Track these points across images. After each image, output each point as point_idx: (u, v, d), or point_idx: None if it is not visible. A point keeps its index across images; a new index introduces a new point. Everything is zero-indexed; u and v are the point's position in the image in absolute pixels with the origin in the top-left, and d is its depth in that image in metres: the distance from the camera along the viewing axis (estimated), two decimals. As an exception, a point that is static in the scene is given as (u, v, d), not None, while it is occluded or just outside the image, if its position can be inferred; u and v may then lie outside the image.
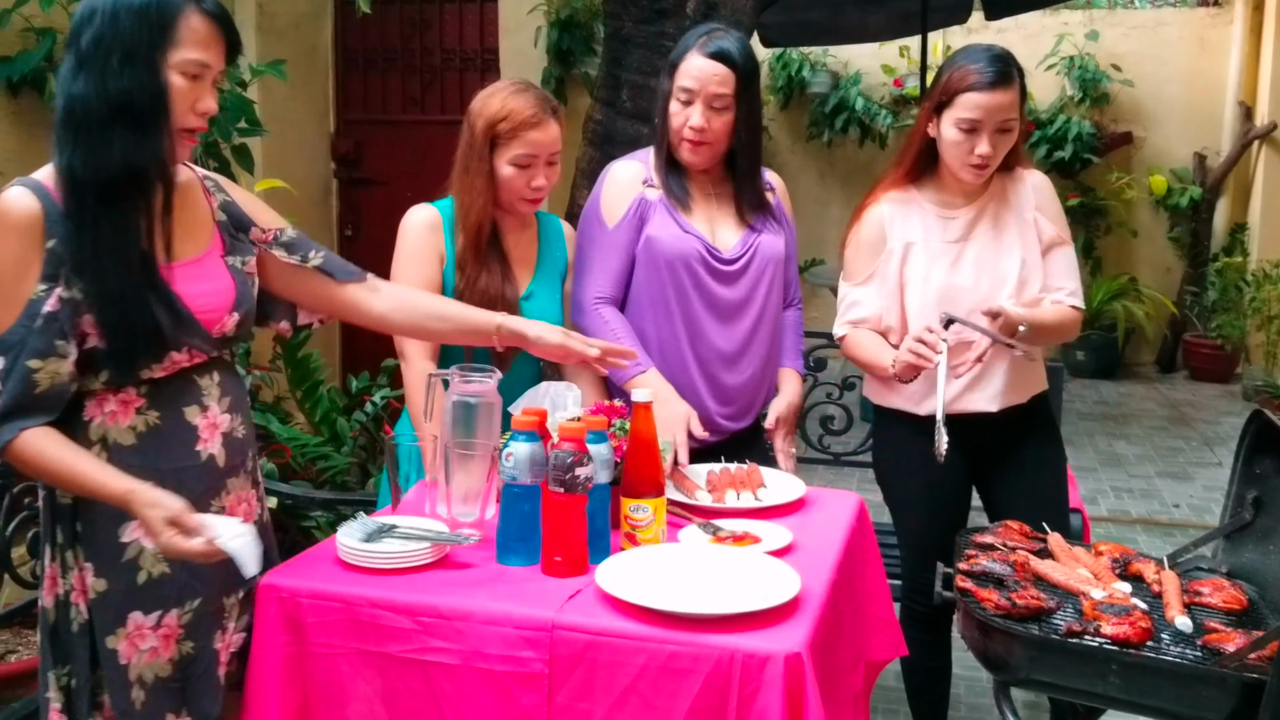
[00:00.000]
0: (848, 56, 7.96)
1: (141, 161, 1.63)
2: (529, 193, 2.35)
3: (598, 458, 1.86)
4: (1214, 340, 7.38)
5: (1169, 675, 1.73)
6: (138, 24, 1.61)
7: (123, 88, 1.60)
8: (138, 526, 1.70)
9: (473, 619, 1.68)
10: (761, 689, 1.56)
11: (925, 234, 2.44)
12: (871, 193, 2.53)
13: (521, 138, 2.30)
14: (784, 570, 1.77)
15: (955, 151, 2.35)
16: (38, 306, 1.62)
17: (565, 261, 2.54)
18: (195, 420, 1.77)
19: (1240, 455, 2.14)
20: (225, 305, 1.80)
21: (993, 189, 2.45)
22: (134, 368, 1.69)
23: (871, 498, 4.71)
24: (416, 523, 1.94)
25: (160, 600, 1.74)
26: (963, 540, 2.17)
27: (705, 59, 2.36)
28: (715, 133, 2.39)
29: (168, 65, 1.64)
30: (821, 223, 8.26)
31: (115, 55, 1.60)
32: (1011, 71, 2.31)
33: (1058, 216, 2.50)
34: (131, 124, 1.61)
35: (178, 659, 1.77)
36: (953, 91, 2.31)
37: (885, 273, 2.45)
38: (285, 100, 5.66)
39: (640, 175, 2.48)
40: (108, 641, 1.72)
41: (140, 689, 1.73)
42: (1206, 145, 7.68)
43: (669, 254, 2.41)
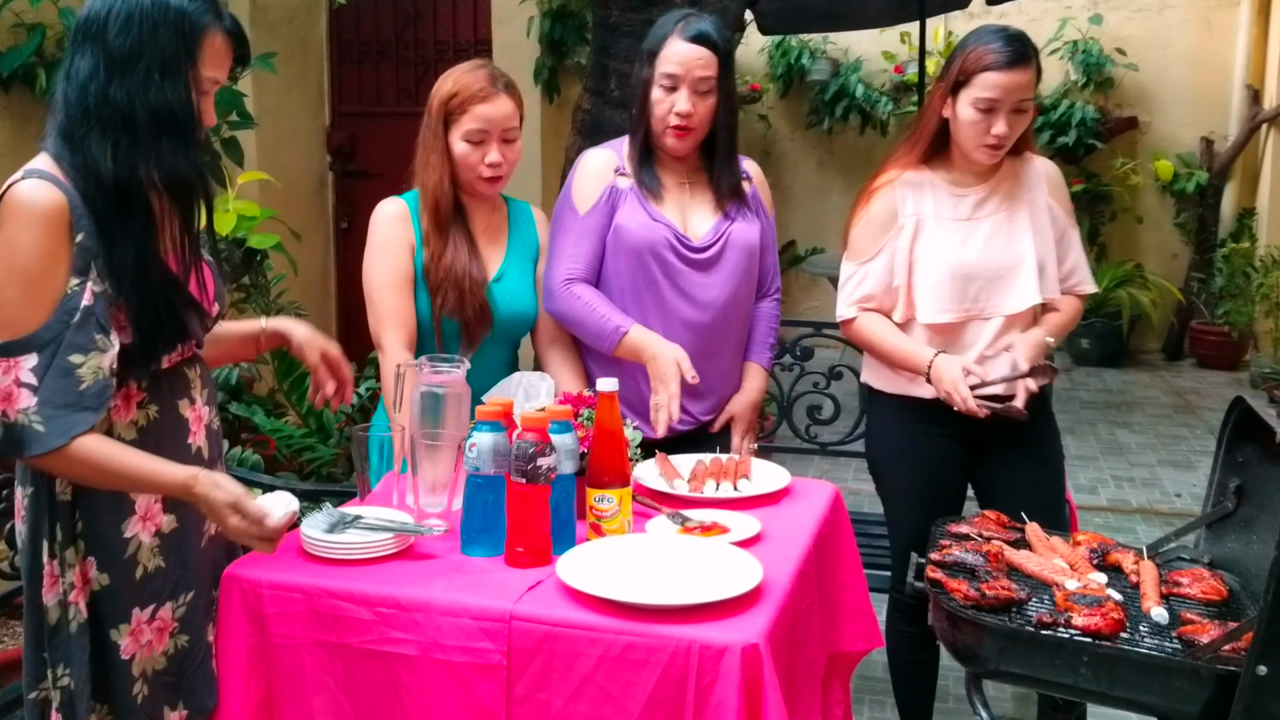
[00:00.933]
0: (848, 43, 7.91)
1: (188, 172, 1.68)
2: (485, 170, 2.33)
3: (561, 448, 1.84)
4: (1221, 327, 7.32)
5: (1141, 667, 1.70)
6: (174, 39, 1.64)
7: (166, 100, 1.63)
8: (138, 520, 1.71)
9: (431, 610, 1.67)
10: (719, 680, 1.54)
11: (937, 210, 2.40)
12: (879, 173, 2.49)
13: (471, 112, 2.29)
14: (747, 561, 1.74)
15: (971, 132, 2.32)
16: (74, 301, 1.59)
17: (537, 245, 2.52)
18: (186, 413, 1.80)
19: (1222, 443, 2.11)
20: (210, 296, 1.83)
21: (1004, 171, 2.42)
22: (154, 359, 1.70)
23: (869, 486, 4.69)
24: (382, 513, 1.92)
25: (155, 594, 1.74)
26: (938, 530, 2.14)
27: (687, 43, 2.34)
28: (701, 117, 2.38)
29: (195, 80, 1.67)
30: (821, 211, 8.24)
31: (155, 68, 1.62)
32: (1029, 51, 2.29)
33: (1066, 202, 2.49)
34: (174, 135, 1.65)
35: (172, 652, 1.77)
36: (970, 71, 2.29)
37: (896, 248, 2.41)
38: (279, 93, 5.65)
39: (612, 163, 2.46)
40: (111, 635, 1.70)
41: (143, 683, 1.73)
42: (1213, 129, 7.60)
43: (636, 242, 2.39)
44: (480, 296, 2.34)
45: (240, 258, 3.14)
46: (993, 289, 2.38)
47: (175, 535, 1.76)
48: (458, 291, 2.32)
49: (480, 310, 2.34)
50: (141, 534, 1.73)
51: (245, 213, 3.20)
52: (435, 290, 2.34)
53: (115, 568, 1.70)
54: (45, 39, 3.92)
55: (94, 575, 1.70)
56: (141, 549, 1.73)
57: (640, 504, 2.07)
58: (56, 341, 1.58)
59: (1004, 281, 2.38)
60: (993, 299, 2.39)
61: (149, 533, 1.73)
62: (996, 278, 2.37)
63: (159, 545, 1.75)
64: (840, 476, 5.29)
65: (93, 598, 1.69)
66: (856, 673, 3.31)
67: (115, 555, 1.70)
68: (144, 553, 1.73)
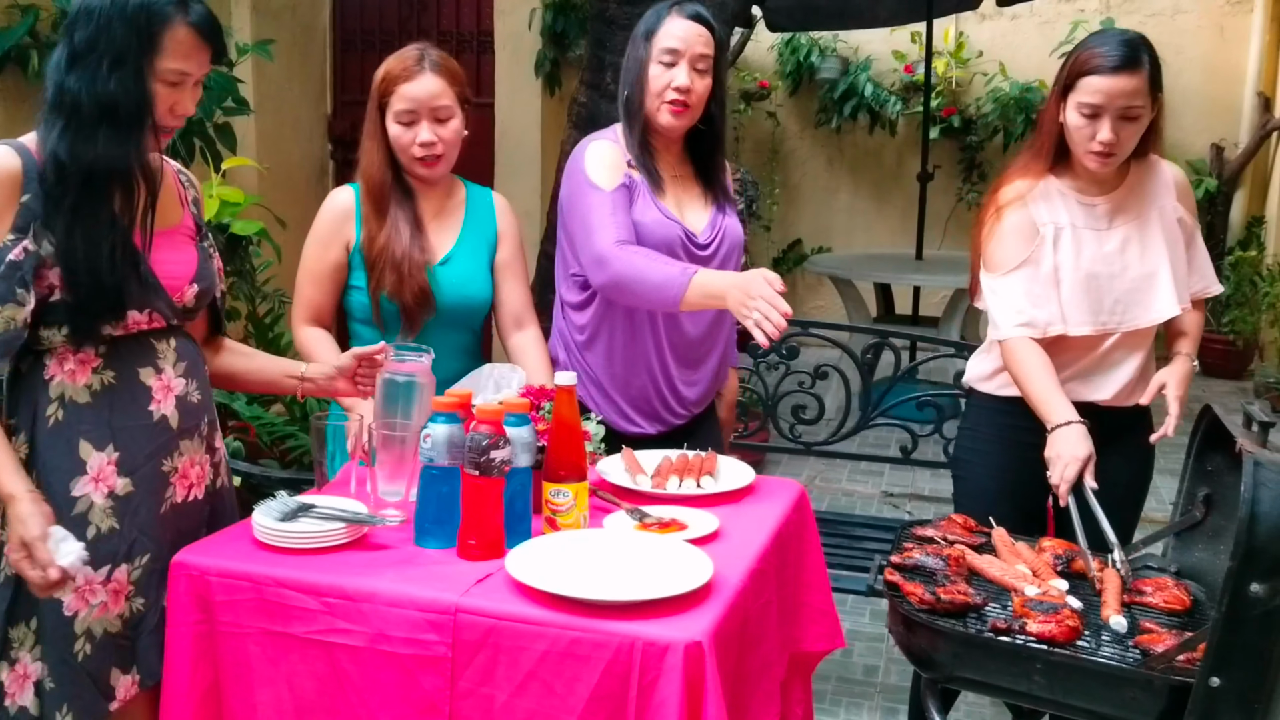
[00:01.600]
0: (858, 42, 7.87)
1: (124, 160, 1.76)
2: (417, 149, 2.31)
3: (517, 441, 1.82)
4: (1226, 336, 7.25)
5: (1094, 675, 1.68)
6: (128, 32, 1.72)
7: (110, 91, 1.72)
8: (89, 480, 1.79)
9: (377, 600, 1.65)
10: (661, 677, 1.52)
11: (1071, 218, 2.32)
12: (1003, 181, 2.40)
13: (397, 92, 2.29)
14: (698, 558, 1.72)
15: (1078, 137, 2.24)
16: (3, 253, 1.71)
17: (495, 232, 2.48)
18: (149, 381, 1.85)
19: (1191, 452, 2.09)
20: (187, 275, 1.90)
21: (1130, 178, 2.34)
22: (94, 323, 1.78)
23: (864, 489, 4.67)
24: (337, 503, 1.91)
25: (109, 555, 1.79)
26: (903, 533, 2.12)
27: (687, 20, 2.33)
28: (698, 95, 2.35)
29: (152, 72, 1.75)
30: (829, 210, 8.22)
31: (106, 59, 1.72)
32: (1140, 56, 2.18)
33: (1193, 205, 2.41)
34: (116, 125, 1.74)
35: (128, 615, 1.82)
36: (1075, 75, 2.22)
37: (1039, 259, 2.31)
38: (280, 81, 5.65)
39: (623, 155, 2.39)
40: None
41: (87, 641, 1.78)
42: (1224, 136, 7.53)
43: (654, 240, 2.33)
44: (420, 279, 2.31)
45: (223, 244, 3.14)
46: (1131, 300, 2.30)
47: (130, 498, 1.82)
48: (396, 274, 2.30)
49: (420, 293, 2.31)
50: (93, 494, 1.79)
51: (229, 199, 3.19)
52: (371, 270, 2.32)
53: (63, 524, 1.73)
54: (38, 20, 3.93)
55: None
56: (93, 509, 1.79)
57: (601, 499, 2.05)
58: None
59: (1141, 293, 2.30)
60: (1130, 311, 2.30)
61: (101, 494, 1.80)
62: (1133, 289, 2.30)
63: (112, 507, 1.80)
64: (834, 477, 5.28)
65: None
66: (835, 675, 3.32)
67: (63, 512, 1.75)
68: (96, 513, 1.79)
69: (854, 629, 3.59)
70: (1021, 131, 7.49)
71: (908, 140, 7.88)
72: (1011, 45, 7.74)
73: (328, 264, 2.37)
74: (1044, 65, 7.42)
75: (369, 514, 1.87)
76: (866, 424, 3.47)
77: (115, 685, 1.81)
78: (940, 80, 7.69)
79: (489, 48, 6.13)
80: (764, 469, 4.89)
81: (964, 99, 7.83)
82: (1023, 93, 7.52)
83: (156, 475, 1.85)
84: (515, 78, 6.02)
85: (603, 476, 2.13)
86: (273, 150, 5.58)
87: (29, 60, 3.94)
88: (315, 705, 1.69)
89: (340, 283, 2.38)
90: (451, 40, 6.21)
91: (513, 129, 6.07)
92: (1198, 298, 2.41)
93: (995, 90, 7.63)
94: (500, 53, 6.03)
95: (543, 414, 1.98)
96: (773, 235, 8.16)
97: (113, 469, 1.80)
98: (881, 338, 3.59)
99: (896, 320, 6.81)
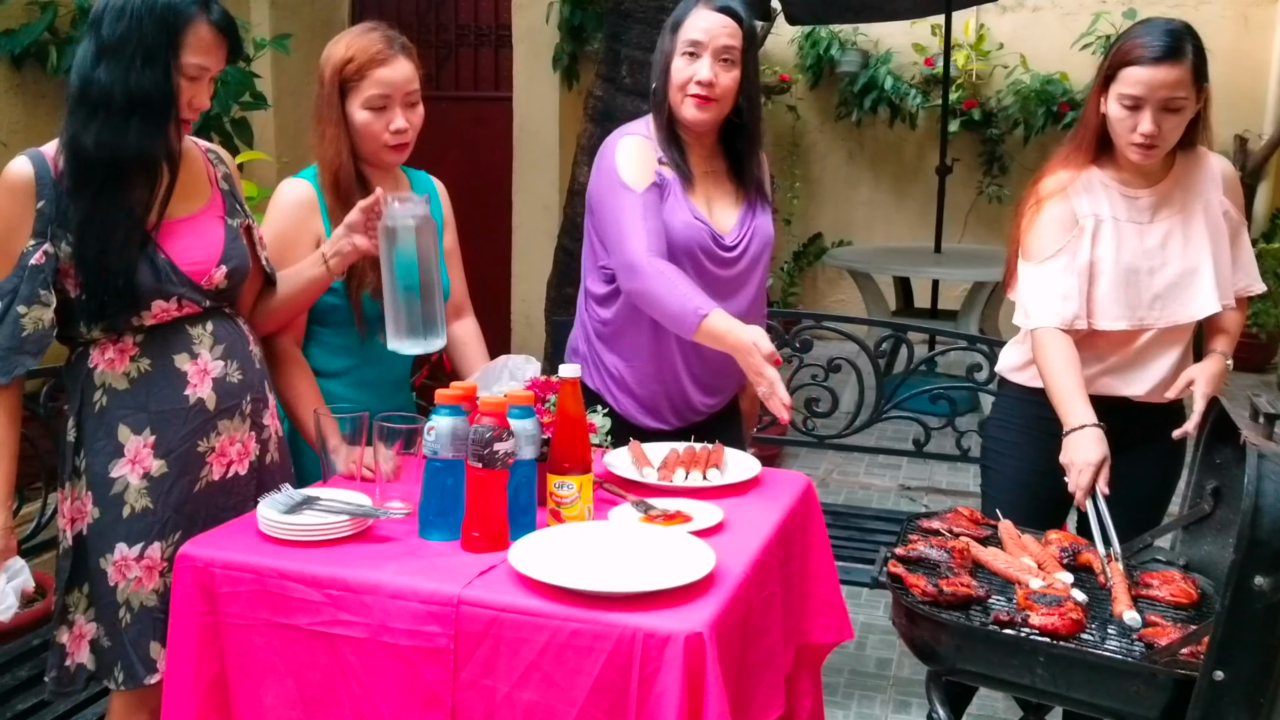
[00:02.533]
0: (878, 35, 7.83)
1: (154, 149, 1.87)
2: (390, 138, 2.21)
3: (521, 433, 1.83)
4: (1250, 329, 7.18)
5: (1097, 669, 1.68)
6: (158, 29, 1.84)
7: (142, 84, 1.83)
8: (126, 463, 1.91)
9: (380, 592, 1.67)
10: (662, 669, 1.53)
11: (1113, 211, 2.28)
12: (1045, 172, 2.37)
13: (370, 77, 2.18)
14: (701, 549, 1.73)
15: (1119, 129, 2.21)
16: (26, 259, 1.85)
17: (441, 219, 2.40)
18: (185, 367, 1.95)
19: (1200, 445, 2.07)
20: (213, 258, 1.97)
21: (1175, 170, 2.29)
22: (115, 315, 1.88)
23: (881, 482, 4.67)
24: (343, 495, 1.92)
25: (143, 533, 1.91)
26: (909, 525, 2.12)
27: (713, 12, 2.30)
28: (724, 88, 2.31)
29: (176, 68, 1.86)
30: (850, 203, 8.18)
31: (138, 55, 1.83)
32: (1183, 47, 2.13)
33: (1240, 199, 2.36)
34: (147, 116, 1.84)
35: (163, 591, 1.92)
36: (1116, 65, 2.18)
37: (1076, 249, 2.26)
38: (300, 75, 5.67)
39: (654, 151, 2.37)
40: (99, 563, 1.91)
41: (127, 611, 1.92)
42: (1248, 128, 7.44)
43: (680, 240, 2.32)
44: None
45: (239, 237, 3.16)
46: (1170, 296, 2.26)
47: (164, 479, 1.93)
48: (377, 271, 2.13)
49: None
50: (129, 475, 1.92)
51: (246, 193, 3.21)
52: (351, 269, 2.18)
53: (104, 503, 1.91)
54: (57, 16, 3.96)
55: (89, 509, 1.92)
56: (129, 489, 1.92)
57: (607, 491, 2.06)
58: (13, 292, 1.85)
59: (1181, 289, 2.26)
60: (1169, 306, 2.26)
61: (137, 475, 1.92)
62: (1173, 285, 2.26)
63: (146, 487, 1.92)
64: (852, 470, 5.27)
65: (88, 528, 1.92)
66: (848, 668, 3.32)
67: (104, 492, 1.91)
68: (131, 493, 1.92)
69: (868, 622, 3.59)
70: (1043, 124, 7.44)
71: (928, 133, 7.84)
72: (1033, 37, 7.67)
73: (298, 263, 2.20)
74: (1065, 57, 7.37)
75: (373, 506, 1.88)
76: (880, 417, 3.46)
77: (156, 658, 1.92)
78: (960, 73, 7.63)
79: (507, 42, 6.14)
80: (782, 462, 4.89)
81: (984, 92, 7.78)
82: (1044, 85, 7.45)
83: (191, 456, 1.95)
84: (533, 72, 6.03)
85: (609, 469, 2.13)
86: (291, 144, 5.61)
87: (48, 56, 3.98)
88: (319, 696, 1.71)
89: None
90: (469, 34, 6.23)
91: (530, 123, 6.07)
92: (1240, 295, 2.36)
93: (1016, 83, 7.57)
94: (518, 47, 6.03)
95: (547, 406, 1.99)
96: (793, 229, 8.13)
97: (149, 451, 1.92)
98: (896, 331, 3.57)
99: (915, 314, 6.78)
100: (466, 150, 6.16)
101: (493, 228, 6.06)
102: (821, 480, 5.05)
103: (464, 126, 6.16)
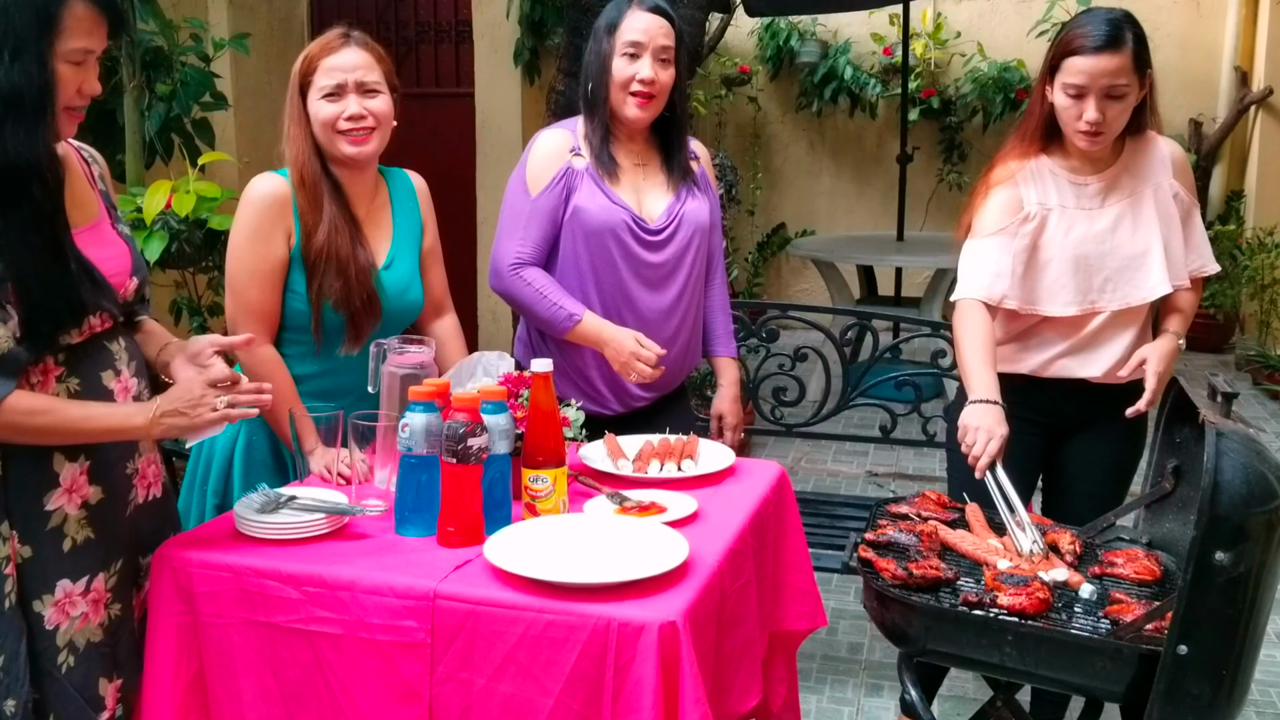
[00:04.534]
0: (837, 25, 7.88)
1: (32, 152, 1.64)
2: (345, 124, 2.17)
3: (494, 428, 1.84)
4: (1207, 309, 7.29)
5: (1064, 646, 1.71)
6: (27, 17, 1.61)
7: (13, 82, 1.61)
8: (63, 493, 1.73)
9: (356, 588, 1.67)
10: (636, 658, 1.55)
11: (1060, 199, 2.33)
12: (995, 164, 2.42)
13: (320, 67, 2.18)
14: (674, 539, 1.75)
15: (1065, 117, 2.25)
16: None
17: (420, 221, 2.39)
18: (111, 384, 1.80)
19: (1160, 424, 2.11)
20: (125, 269, 1.84)
21: (1124, 156, 2.34)
22: (55, 335, 1.69)
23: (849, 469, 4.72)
24: (318, 494, 1.93)
25: (89, 565, 1.77)
26: (878, 510, 2.15)
27: (648, 14, 2.39)
28: (663, 85, 2.41)
29: (55, 55, 1.65)
30: (811, 194, 8.23)
31: (6, 49, 1.60)
32: (1123, 35, 2.19)
33: (1190, 182, 2.40)
34: (20, 116, 1.62)
35: (107, 623, 1.80)
36: (1059, 56, 2.23)
37: (1016, 232, 2.31)
38: (258, 74, 5.65)
39: (567, 144, 2.47)
40: (34, 606, 1.72)
41: (70, 654, 1.74)
42: (1202, 111, 7.56)
43: (596, 224, 2.41)
44: (368, 285, 2.21)
45: (201, 239, 3.14)
46: (1120, 279, 2.31)
47: (103, 506, 1.78)
48: (343, 279, 2.18)
49: (369, 300, 2.21)
50: (67, 506, 1.74)
51: (205, 194, 3.20)
52: (312, 273, 2.17)
53: (37, 540, 1.72)
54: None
55: (17, 548, 1.71)
56: (68, 521, 1.74)
57: (581, 484, 2.08)
58: None
59: (1131, 271, 2.31)
60: (1119, 289, 2.31)
61: (75, 505, 1.75)
62: (1123, 267, 2.31)
63: (86, 517, 1.76)
64: (819, 458, 5.31)
65: (16, 570, 1.71)
66: (819, 653, 3.36)
67: (36, 528, 1.72)
68: (71, 525, 1.75)
69: (838, 607, 3.62)
70: (1000, 111, 7.52)
71: (888, 122, 7.89)
72: (989, 25, 7.75)
73: (273, 261, 2.18)
74: (1022, 45, 7.44)
75: (349, 504, 1.89)
76: (846, 405, 3.50)
77: (104, 695, 1.79)
78: (919, 62, 7.70)
79: (467, 37, 6.14)
80: (750, 451, 4.92)
81: (943, 80, 7.84)
82: (1001, 72, 7.54)
83: (121, 478, 1.82)
84: (494, 67, 6.03)
85: (584, 462, 2.15)
86: (252, 144, 5.58)
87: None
88: (298, 693, 1.71)
89: (285, 283, 2.20)
90: (430, 31, 6.22)
91: (493, 119, 6.07)
92: (1195, 276, 2.40)
93: (974, 71, 7.65)
94: (479, 42, 6.03)
95: (520, 401, 2.00)
96: (756, 220, 8.17)
97: (85, 478, 1.76)
98: (860, 319, 3.61)
99: (879, 301, 6.84)
100: (429, 147, 6.15)
101: (457, 224, 6.05)
102: (790, 468, 5.09)
103: (426, 123, 6.15)
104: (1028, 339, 2.39)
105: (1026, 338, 2.39)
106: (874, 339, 3.52)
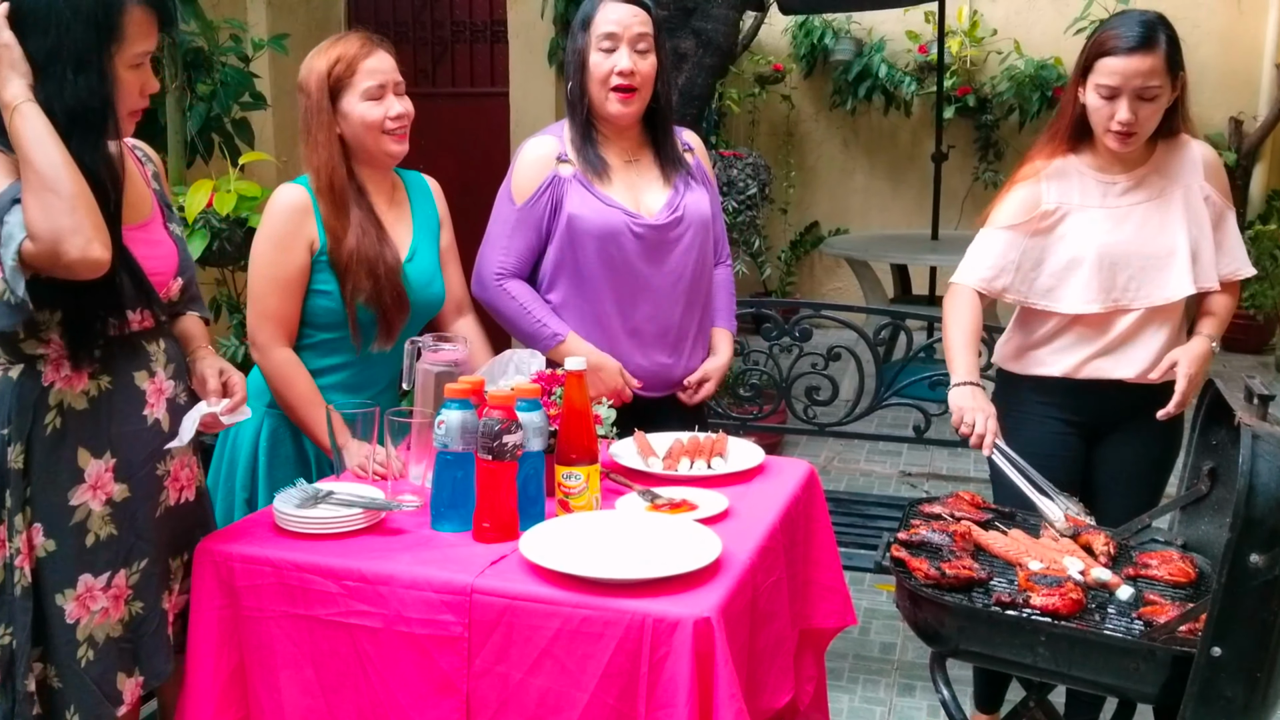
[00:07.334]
0: (871, 23, 7.86)
1: (94, 164, 1.67)
2: (391, 124, 2.25)
3: (529, 425, 1.86)
4: (1246, 310, 7.21)
5: (1097, 647, 1.71)
6: (87, 29, 1.64)
7: (78, 98, 1.64)
8: (87, 489, 1.76)
9: (395, 583, 1.70)
10: (671, 654, 1.57)
11: (1084, 198, 2.35)
12: (1024, 162, 2.44)
13: (361, 70, 2.22)
14: (707, 536, 1.76)
15: (1097, 118, 2.27)
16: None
17: (437, 218, 2.46)
18: (143, 385, 1.83)
19: (1196, 426, 2.11)
20: (170, 270, 1.88)
21: (1156, 157, 2.35)
22: (96, 327, 1.73)
23: (882, 468, 4.71)
24: (355, 489, 1.96)
25: (109, 561, 1.79)
26: (910, 510, 2.15)
27: (621, 4, 2.36)
28: (644, 76, 2.38)
29: (118, 63, 1.68)
30: (846, 191, 8.21)
31: (69, 65, 1.63)
32: (1156, 37, 2.20)
33: (1224, 185, 2.40)
34: (86, 130, 1.65)
35: (128, 619, 1.82)
36: (1093, 56, 2.25)
37: (1035, 230, 2.35)
38: (296, 74, 5.70)
39: (554, 151, 2.44)
40: (55, 600, 1.75)
41: (89, 648, 1.77)
42: (1243, 110, 7.48)
43: (594, 229, 2.39)
44: (397, 282, 2.27)
45: (241, 237, 3.19)
46: (1143, 278, 2.31)
47: (127, 504, 1.81)
48: (373, 278, 2.23)
49: (398, 297, 2.27)
50: (91, 502, 1.77)
51: (246, 193, 3.24)
52: (345, 275, 2.23)
53: (61, 534, 1.75)
54: None
55: (40, 541, 1.74)
56: (91, 517, 1.77)
57: (613, 481, 2.09)
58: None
59: (1155, 271, 2.31)
60: (1143, 289, 2.32)
61: (99, 501, 1.78)
62: (1147, 266, 2.31)
63: (110, 514, 1.79)
64: (852, 458, 5.30)
65: (38, 563, 1.74)
66: (852, 652, 3.36)
67: (61, 522, 1.75)
68: (94, 520, 1.78)
69: (871, 607, 3.62)
70: (1037, 109, 7.47)
71: (923, 120, 7.86)
72: (1026, 23, 7.70)
73: (294, 269, 2.23)
74: (1059, 42, 7.39)
75: (386, 499, 1.92)
76: (879, 404, 3.49)
77: (122, 689, 1.81)
78: (954, 59, 7.66)
79: (502, 37, 6.17)
80: (782, 450, 4.92)
81: (979, 78, 7.80)
82: (1038, 70, 7.49)
83: (151, 479, 1.84)
84: (529, 66, 6.06)
85: (615, 459, 2.17)
86: (290, 143, 5.62)
87: None
88: (337, 685, 1.74)
89: (305, 289, 2.26)
90: (465, 30, 6.25)
91: (527, 117, 6.10)
92: (1227, 280, 2.39)
93: (1010, 68, 7.60)
94: (514, 42, 6.06)
95: (554, 399, 2.03)
96: (789, 218, 8.16)
97: (110, 475, 1.79)
98: (894, 318, 3.60)
99: (913, 301, 6.81)
100: (463, 146, 6.19)
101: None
102: (822, 468, 5.09)
103: (460, 122, 6.19)
104: (1058, 340, 2.39)
105: (1057, 338, 2.39)
106: (908, 338, 3.52)
